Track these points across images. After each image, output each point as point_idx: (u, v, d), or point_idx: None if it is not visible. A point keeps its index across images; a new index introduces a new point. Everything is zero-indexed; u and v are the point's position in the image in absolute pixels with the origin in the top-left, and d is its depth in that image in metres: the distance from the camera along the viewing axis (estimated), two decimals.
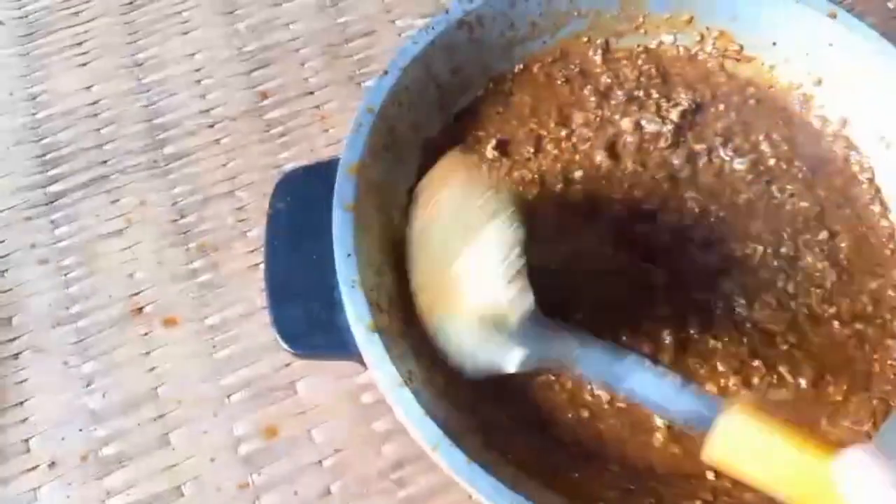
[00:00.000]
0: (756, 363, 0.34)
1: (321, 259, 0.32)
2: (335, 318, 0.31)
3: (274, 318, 0.33)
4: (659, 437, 0.33)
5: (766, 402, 0.33)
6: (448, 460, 0.28)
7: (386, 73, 0.35)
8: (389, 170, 0.35)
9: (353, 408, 0.40)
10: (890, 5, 0.52)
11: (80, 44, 0.50)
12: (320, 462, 0.39)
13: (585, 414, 0.33)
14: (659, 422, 0.33)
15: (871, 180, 0.38)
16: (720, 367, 0.34)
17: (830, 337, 0.35)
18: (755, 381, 0.33)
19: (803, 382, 0.33)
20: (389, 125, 0.35)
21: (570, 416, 0.33)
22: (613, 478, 0.32)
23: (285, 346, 0.32)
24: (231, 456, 0.39)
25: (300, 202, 0.35)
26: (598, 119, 0.39)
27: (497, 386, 0.33)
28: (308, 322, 0.32)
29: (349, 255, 0.31)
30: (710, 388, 0.33)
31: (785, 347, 0.34)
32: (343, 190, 0.33)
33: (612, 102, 0.40)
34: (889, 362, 0.34)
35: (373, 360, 0.30)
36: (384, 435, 0.40)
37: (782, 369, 0.33)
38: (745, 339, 0.34)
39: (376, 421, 0.40)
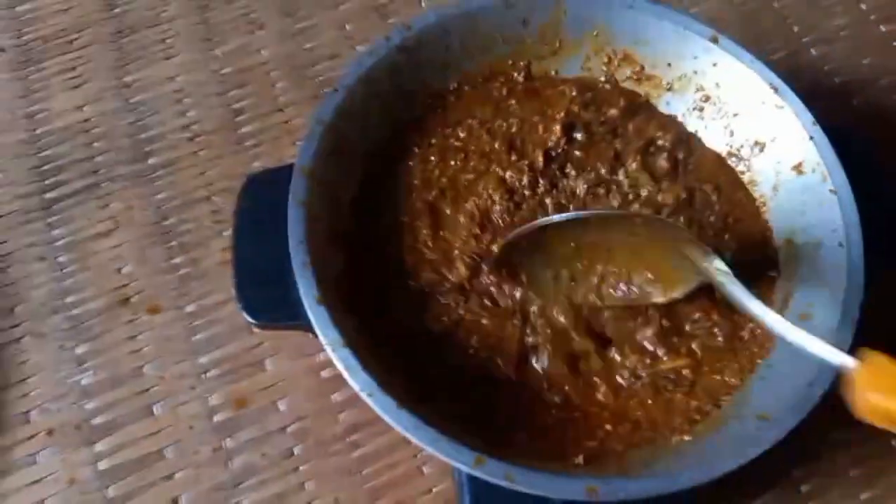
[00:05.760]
0: None
1: (278, 247, 0.38)
2: (290, 295, 0.37)
3: (240, 297, 0.39)
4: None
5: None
6: (380, 405, 0.34)
7: (335, 90, 0.42)
8: (337, 172, 0.42)
9: (313, 382, 0.46)
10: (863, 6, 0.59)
11: (73, 68, 0.56)
12: (284, 428, 0.45)
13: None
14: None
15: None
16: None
17: None
18: None
19: None
20: (338, 135, 0.42)
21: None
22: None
23: (249, 319, 0.38)
24: (207, 424, 0.45)
25: (262, 200, 0.41)
26: None
27: (421, 344, 0.40)
28: (268, 299, 0.38)
29: (301, 242, 0.38)
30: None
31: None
32: (297, 188, 0.39)
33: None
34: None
35: (319, 325, 0.36)
36: (341, 404, 0.46)
37: None
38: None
39: (334, 393, 0.46)
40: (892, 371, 0.31)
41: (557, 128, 0.45)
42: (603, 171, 0.45)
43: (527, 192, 0.44)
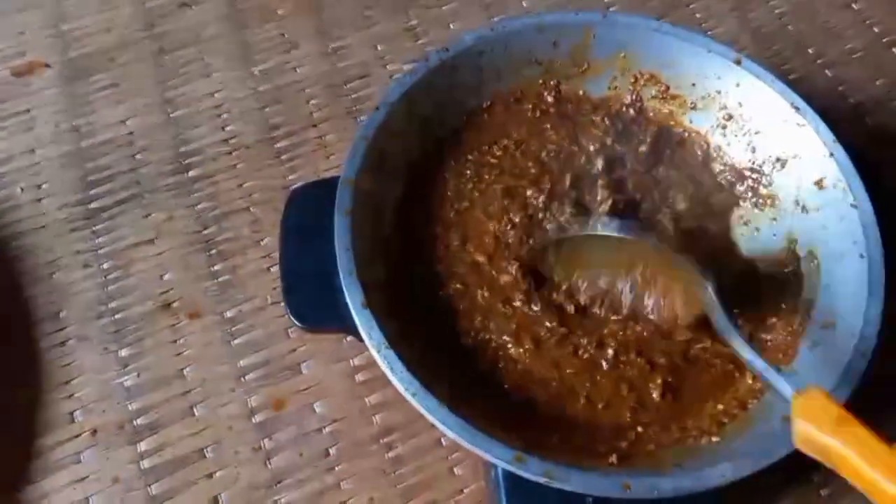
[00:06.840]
0: None
1: (324, 254, 0.40)
2: (335, 300, 0.39)
3: (287, 301, 0.41)
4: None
5: None
6: (423, 404, 0.36)
7: (377, 108, 0.44)
8: (380, 185, 0.44)
9: (349, 385, 0.48)
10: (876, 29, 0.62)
11: (117, 84, 0.58)
12: (321, 429, 0.47)
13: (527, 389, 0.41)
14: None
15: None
16: None
17: None
18: None
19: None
20: (380, 149, 0.44)
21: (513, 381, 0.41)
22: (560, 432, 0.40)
23: (297, 322, 0.40)
24: (246, 424, 0.47)
25: (308, 210, 0.43)
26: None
27: (456, 351, 0.41)
28: (314, 303, 0.40)
29: (347, 249, 0.39)
30: None
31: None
32: (342, 199, 0.41)
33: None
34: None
35: (364, 328, 0.38)
36: (375, 407, 0.47)
37: None
38: None
39: (369, 395, 0.47)
40: (823, 405, 0.33)
41: (600, 161, 0.48)
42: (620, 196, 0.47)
43: (548, 214, 0.46)
